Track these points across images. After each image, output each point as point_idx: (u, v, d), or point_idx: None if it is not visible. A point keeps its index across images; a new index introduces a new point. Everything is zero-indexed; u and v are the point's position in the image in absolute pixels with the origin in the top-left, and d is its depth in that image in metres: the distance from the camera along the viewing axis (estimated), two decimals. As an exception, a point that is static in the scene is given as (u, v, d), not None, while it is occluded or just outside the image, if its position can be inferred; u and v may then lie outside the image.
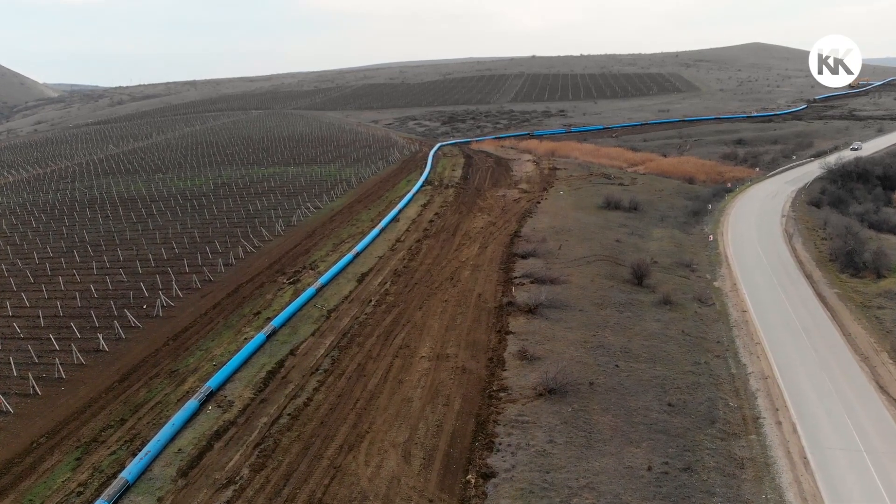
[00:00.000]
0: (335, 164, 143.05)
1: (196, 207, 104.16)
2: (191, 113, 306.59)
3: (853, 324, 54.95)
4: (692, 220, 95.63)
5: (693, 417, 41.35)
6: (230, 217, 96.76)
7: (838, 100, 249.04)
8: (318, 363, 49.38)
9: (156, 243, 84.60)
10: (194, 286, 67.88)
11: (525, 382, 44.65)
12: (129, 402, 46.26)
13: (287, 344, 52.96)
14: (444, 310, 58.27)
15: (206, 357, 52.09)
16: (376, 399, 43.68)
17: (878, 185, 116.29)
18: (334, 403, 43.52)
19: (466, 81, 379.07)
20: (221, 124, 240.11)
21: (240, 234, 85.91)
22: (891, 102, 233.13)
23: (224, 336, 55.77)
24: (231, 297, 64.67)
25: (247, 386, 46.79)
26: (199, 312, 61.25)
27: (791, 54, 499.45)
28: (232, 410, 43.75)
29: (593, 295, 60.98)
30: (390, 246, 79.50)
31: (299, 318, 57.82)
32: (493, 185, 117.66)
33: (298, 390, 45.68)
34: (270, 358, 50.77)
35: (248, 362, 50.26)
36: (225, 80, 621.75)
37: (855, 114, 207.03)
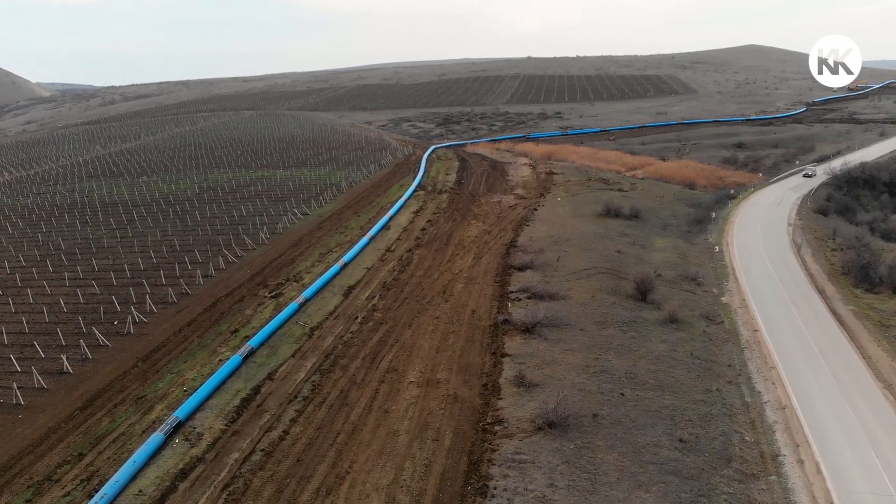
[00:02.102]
0: (326, 168, 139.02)
1: (178, 213, 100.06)
2: (182, 113, 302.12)
3: (872, 345, 51.21)
4: (695, 229, 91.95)
5: (707, 455, 37.53)
6: (213, 224, 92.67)
7: (837, 103, 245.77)
8: (298, 389, 45.42)
9: (133, 252, 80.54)
10: (170, 300, 63.86)
11: (522, 413, 40.81)
12: (90, 433, 42.34)
13: (265, 367, 49.00)
14: (436, 328, 54.39)
15: (176, 381, 48.14)
16: (359, 432, 39.76)
17: (884, 191, 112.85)
18: (313, 437, 39.58)
19: (461, 82, 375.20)
20: (212, 125, 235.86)
21: (222, 243, 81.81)
22: (891, 105, 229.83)
23: (198, 357, 51.79)
24: (208, 312, 60.69)
25: (218, 415, 42.85)
26: (173, 330, 57.27)
27: (788, 56, 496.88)
28: (200, 444, 39.82)
29: (595, 312, 57.16)
30: (380, 256, 75.58)
31: (279, 337, 53.85)
32: (488, 191, 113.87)
33: (274, 421, 41.75)
34: (246, 383, 46.82)
35: (222, 388, 46.34)
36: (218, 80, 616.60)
37: (855, 117, 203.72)
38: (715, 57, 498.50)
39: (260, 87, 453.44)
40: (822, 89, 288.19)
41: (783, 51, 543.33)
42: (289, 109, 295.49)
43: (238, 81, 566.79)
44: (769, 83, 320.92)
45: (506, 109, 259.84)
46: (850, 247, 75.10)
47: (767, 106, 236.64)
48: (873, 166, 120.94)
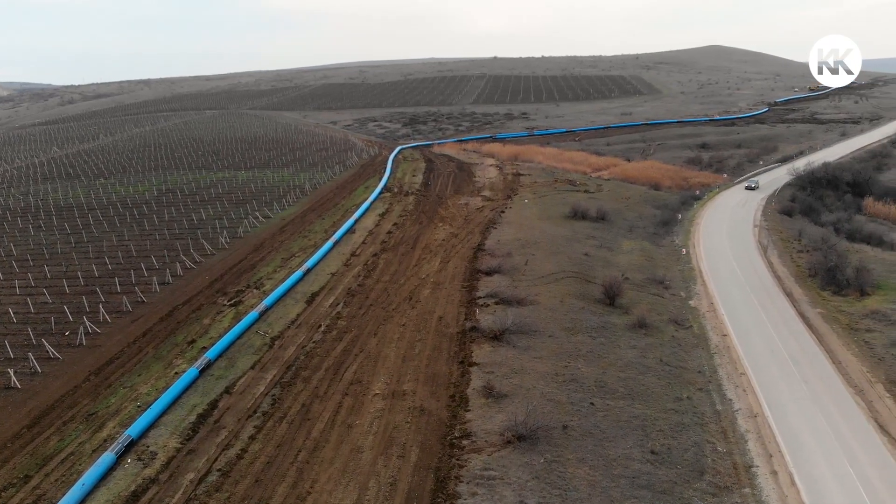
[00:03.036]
0: (289, 169, 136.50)
1: (136, 217, 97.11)
2: (142, 113, 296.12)
3: (842, 350, 50.92)
4: (662, 231, 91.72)
5: (679, 468, 36.63)
6: (171, 228, 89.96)
7: (799, 103, 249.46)
8: (257, 404, 43.58)
9: (88, 258, 77.68)
10: (124, 309, 61.41)
11: (491, 426, 39.51)
12: (38, 453, 40.00)
13: (222, 380, 47.04)
14: (402, 336, 52.89)
15: (130, 396, 45.94)
16: (321, 449, 38.11)
17: (847, 191, 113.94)
18: (272, 455, 37.83)
19: (428, 82, 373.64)
20: (173, 125, 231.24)
21: (180, 248, 79.28)
22: (851, 105, 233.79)
23: (153, 370, 49.58)
24: (164, 322, 58.37)
25: (173, 433, 40.84)
26: (127, 341, 54.89)
27: (749, 57, 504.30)
28: (154, 464, 37.82)
29: (563, 318, 56.16)
30: (345, 261, 73.81)
31: (238, 348, 51.85)
32: (455, 192, 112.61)
33: (232, 438, 39.88)
34: (202, 397, 44.83)
35: (177, 403, 44.27)
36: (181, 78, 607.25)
37: (817, 117, 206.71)
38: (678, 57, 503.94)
39: (223, 86, 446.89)
40: (784, 89, 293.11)
41: (744, 51, 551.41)
42: (252, 109, 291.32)
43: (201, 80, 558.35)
44: (731, 83, 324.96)
45: (472, 109, 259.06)
46: (816, 248, 75.19)
47: (730, 106, 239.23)
48: (836, 166, 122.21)
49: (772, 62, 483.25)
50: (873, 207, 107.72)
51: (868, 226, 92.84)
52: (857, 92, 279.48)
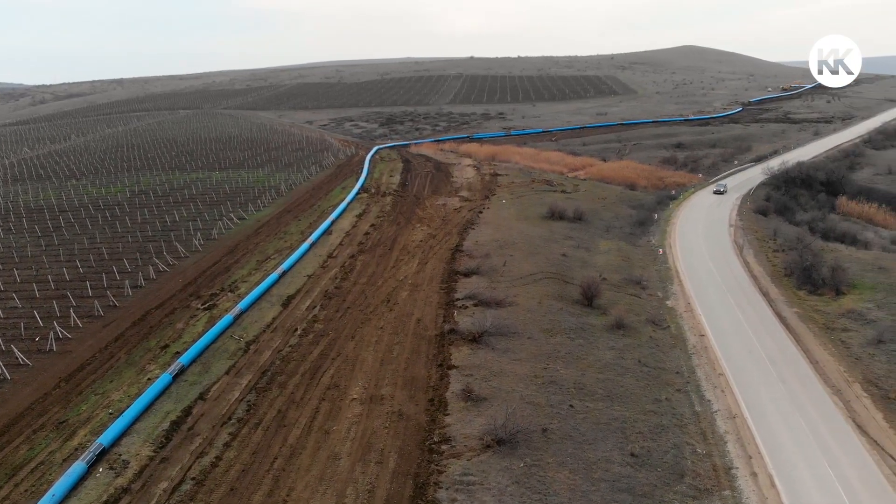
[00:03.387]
0: (264, 169, 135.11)
1: (108, 219, 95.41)
2: (115, 113, 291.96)
3: (819, 349, 51.21)
4: (638, 231, 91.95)
5: (659, 471, 36.50)
6: (144, 230, 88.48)
7: (772, 103, 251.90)
8: (232, 410, 42.80)
9: (59, 261, 76.08)
10: (96, 313, 60.15)
11: (470, 430, 39.12)
12: (7, 463, 38.95)
13: (196, 385, 46.16)
14: (380, 339, 52.33)
15: (101, 403, 44.93)
16: (297, 456, 37.47)
17: (821, 190, 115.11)
18: (247, 463, 37.13)
19: (405, 82, 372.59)
20: (146, 125, 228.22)
21: (153, 251, 77.97)
22: (824, 105, 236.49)
23: (125, 376, 48.56)
24: (137, 326, 57.26)
25: (146, 441, 39.95)
26: (99, 346, 53.74)
27: (724, 57, 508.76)
28: (126, 474, 36.95)
29: (542, 319, 55.93)
30: (321, 262, 73.02)
31: (213, 353, 50.94)
32: (432, 193, 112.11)
33: (206, 446, 39.09)
34: (176, 404, 43.94)
35: (150, 409, 43.34)
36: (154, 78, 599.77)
37: (790, 117, 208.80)
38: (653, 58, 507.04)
39: (197, 86, 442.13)
40: (757, 89, 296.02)
41: (719, 51, 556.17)
42: (226, 108, 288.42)
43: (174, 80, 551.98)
44: (706, 83, 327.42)
45: (449, 109, 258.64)
46: (791, 248, 75.75)
47: (705, 106, 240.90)
48: (810, 166, 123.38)
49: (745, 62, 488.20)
50: (847, 206, 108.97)
51: (842, 224, 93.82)
52: (830, 92, 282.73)
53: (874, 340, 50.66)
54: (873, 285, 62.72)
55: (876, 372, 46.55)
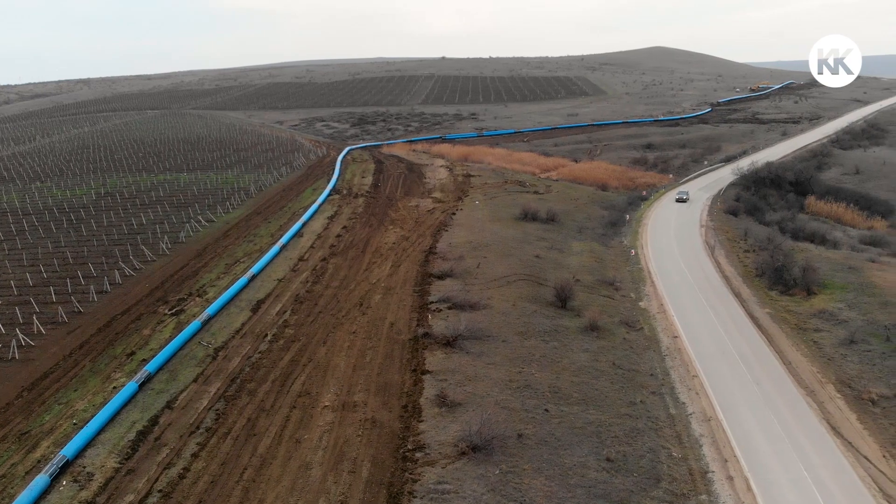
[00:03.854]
0: (233, 170, 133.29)
1: (73, 222, 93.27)
2: (81, 113, 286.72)
3: (792, 350, 51.41)
4: (610, 232, 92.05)
5: (636, 476, 36.17)
6: (110, 233, 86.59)
7: (741, 103, 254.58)
8: (200, 419, 41.73)
9: (21, 266, 74.12)
10: (60, 320, 58.53)
11: (445, 437, 38.49)
12: (-35, 477, 37.51)
13: (163, 394, 44.99)
14: (352, 344, 51.50)
15: (65, 413, 43.58)
16: (268, 467, 36.56)
17: (790, 190, 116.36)
18: (216, 474, 36.14)
19: (376, 82, 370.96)
20: (112, 126, 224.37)
21: (119, 255, 76.23)
22: (791, 105, 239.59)
23: (90, 384, 47.21)
24: (102, 332, 55.78)
25: (111, 452, 38.76)
26: (63, 354, 52.22)
27: (692, 58, 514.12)
28: (91, 486, 35.77)
29: (516, 322, 55.49)
30: (292, 266, 71.92)
31: (180, 360, 49.76)
32: (405, 194, 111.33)
33: (174, 457, 38.01)
34: (142, 413, 42.75)
35: (116, 419, 42.12)
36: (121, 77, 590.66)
37: (758, 117, 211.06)
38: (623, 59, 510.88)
39: (165, 86, 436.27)
40: (726, 90, 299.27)
41: (687, 52, 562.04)
42: (195, 108, 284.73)
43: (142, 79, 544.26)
44: (675, 84, 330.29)
45: (421, 110, 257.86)
46: (762, 248, 76.27)
47: (674, 107, 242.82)
48: (779, 166, 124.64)
49: (714, 63, 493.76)
50: (815, 206, 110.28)
51: (811, 224, 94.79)
52: (797, 92, 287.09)
53: (846, 341, 51.00)
54: (844, 285, 63.26)
55: (848, 372, 46.82)
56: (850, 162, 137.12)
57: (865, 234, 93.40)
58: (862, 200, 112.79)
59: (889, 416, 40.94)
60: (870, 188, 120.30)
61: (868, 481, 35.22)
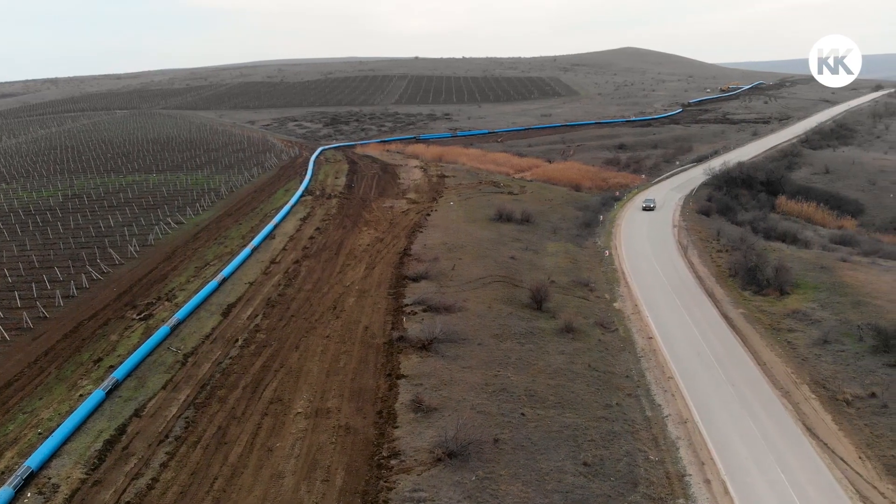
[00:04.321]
0: (203, 171, 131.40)
1: (39, 224, 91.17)
2: (48, 114, 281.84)
3: (766, 350, 51.57)
4: (584, 233, 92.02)
5: (613, 480, 35.86)
6: (77, 236, 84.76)
7: (711, 103, 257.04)
8: (169, 427, 40.71)
9: (-16, 270, 72.21)
10: (25, 325, 57.03)
11: (420, 443, 37.90)
12: (-78, 491, 36.15)
13: (131, 402, 43.87)
14: (325, 349, 50.68)
15: (30, 422, 42.33)
16: (239, 476, 35.71)
17: (762, 190, 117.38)
18: (186, 485, 35.22)
19: (349, 81, 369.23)
20: (80, 126, 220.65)
21: (86, 258, 74.58)
22: (761, 106, 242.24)
23: (55, 392, 45.93)
24: (68, 339, 54.37)
25: (77, 462, 37.66)
26: (28, 361, 50.82)
27: (663, 59, 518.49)
28: (56, 498, 34.72)
29: (492, 324, 55.07)
30: (264, 269, 70.83)
31: (149, 366, 48.61)
32: (379, 195, 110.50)
33: (142, 467, 37.00)
34: (110, 422, 41.64)
35: (82, 428, 40.98)
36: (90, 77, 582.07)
37: (729, 117, 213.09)
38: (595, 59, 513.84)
39: (134, 85, 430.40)
40: (697, 90, 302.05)
41: (658, 53, 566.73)
42: (165, 108, 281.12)
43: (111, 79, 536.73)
44: (646, 85, 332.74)
45: (395, 110, 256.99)
46: (735, 248, 76.68)
47: (646, 107, 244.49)
48: (750, 166, 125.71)
49: (684, 64, 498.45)
50: (786, 205, 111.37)
51: (782, 224, 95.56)
52: (766, 93, 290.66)
53: (820, 341, 51.28)
54: (816, 285, 63.71)
55: (823, 373, 47.02)
56: (820, 162, 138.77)
57: (836, 234, 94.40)
58: (832, 200, 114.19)
59: (864, 417, 41.13)
60: (839, 188, 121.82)
61: (844, 483, 35.26)
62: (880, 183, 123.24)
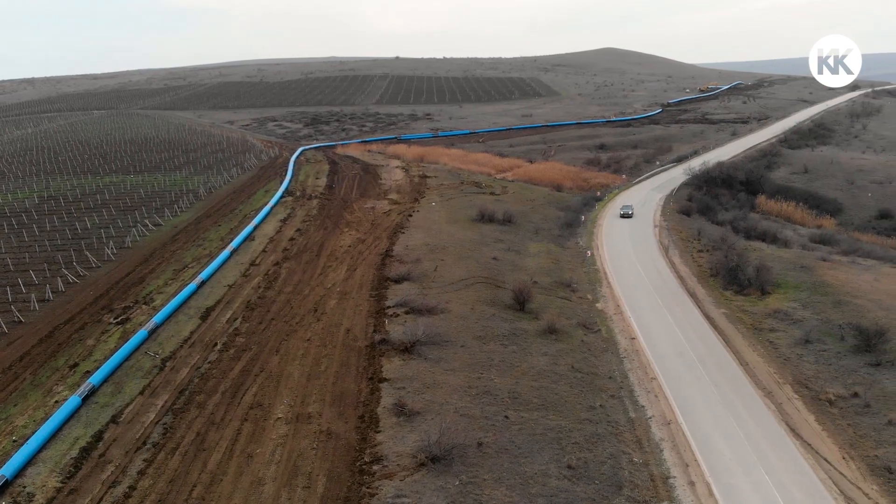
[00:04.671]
0: (182, 172, 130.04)
1: (14, 227, 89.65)
2: (25, 114, 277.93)
3: (748, 350, 51.63)
4: (566, 233, 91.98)
5: (597, 483, 35.61)
6: (53, 239, 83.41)
7: (691, 104, 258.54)
8: (147, 434, 39.94)
9: (-44, 274, 70.78)
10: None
11: (403, 448, 37.44)
12: None
13: (108, 408, 43.03)
14: (306, 352, 50.07)
15: (4, 430, 41.39)
16: (218, 483, 35.05)
17: (741, 189, 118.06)
18: (164, 492, 34.51)
19: (330, 81, 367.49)
20: (57, 127, 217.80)
21: (62, 261, 73.38)
22: (740, 106, 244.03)
23: (30, 399, 44.95)
24: (44, 343, 53.32)
25: (53, 470, 36.82)
26: (2, 366, 49.73)
27: (643, 59, 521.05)
28: (30, 508, 33.86)
29: (475, 326, 54.72)
30: (243, 271, 69.99)
31: (126, 371, 47.74)
32: (360, 196, 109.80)
33: (119, 474, 36.25)
34: (86, 429, 40.79)
35: (58, 436, 40.12)
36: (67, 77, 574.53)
37: (708, 117, 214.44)
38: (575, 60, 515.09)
39: (112, 85, 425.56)
40: (676, 91, 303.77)
41: (638, 54, 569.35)
42: (143, 109, 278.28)
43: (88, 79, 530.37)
44: (626, 85, 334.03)
45: (376, 110, 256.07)
46: (716, 248, 76.93)
47: (625, 107, 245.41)
48: (730, 165, 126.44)
49: (663, 64, 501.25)
50: (766, 205, 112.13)
51: (762, 223, 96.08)
52: (745, 93, 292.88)
53: (801, 340, 51.43)
54: (797, 284, 63.97)
55: (805, 373, 47.12)
56: (799, 161, 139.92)
57: (815, 233, 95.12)
58: (811, 199, 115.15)
59: (847, 417, 41.22)
60: (818, 187, 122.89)
61: (829, 483, 35.25)
62: (858, 182, 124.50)
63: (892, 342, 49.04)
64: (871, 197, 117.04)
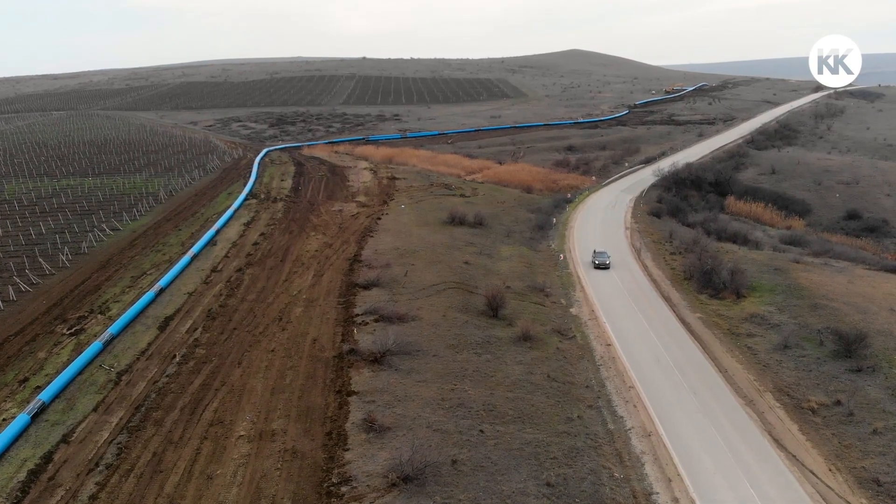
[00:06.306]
0: (142, 174, 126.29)
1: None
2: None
3: (726, 357, 50.52)
4: (538, 236, 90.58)
5: (578, 501, 34.05)
6: (5, 244, 79.84)
7: (657, 105, 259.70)
8: (100, 454, 37.48)
9: None
10: (-58, 343, 52.70)
11: (373, 467, 35.49)
12: None
13: (59, 426, 40.44)
14: (270, 364, 47.82)
15: (-57, 452, 38.54)
16: (176, 509, 32.78)
17: (710, 191, 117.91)
18: (117, 520, 32.16)
19: (295, 81, 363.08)
20: (14, 128, 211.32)
21: (14, 268, 70.01)
22: (706, 107, 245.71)
23: (-27, 418, 42.11)
24: (-9, 357, 50.36)
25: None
26: (-56, 382, 46.74)
27: (608, 61, 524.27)
28: (-31, 539, 31.32)
29: (447, 333, 52.92)
30: (204, 277, 67.33)
31: (79, 386, 45.11)
32: (327, 198, 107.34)
33: (70, 499, 33.88)
34: (34, 449, 38.21)
35: (4, 457, 37.57)
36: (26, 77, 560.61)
37: (674, 119, 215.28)
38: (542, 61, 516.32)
39: (72, 86, 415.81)
40: (642, 92, 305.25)
41: (604, 55, 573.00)
42: (104, 109, 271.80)
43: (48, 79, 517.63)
44: (593, 87, 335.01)
45: (343, 110, 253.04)
46: (688, 250, 76.12)
47: (593, 109, 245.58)
48: (698, 167, 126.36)
49: (628, 66, 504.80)
50: (735, 206, 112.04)
51: (732, 224, 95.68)
52: (710, 94, 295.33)
53: (780, 346, 50.46)
54: (772, 287, 63.21)
55: (786, 380, 46.06)
56: (766, 162, 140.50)
57: (785, 234, 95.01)
58: (779, 200, 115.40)
59: (830, 426, 40.13)
60: (786, 188, 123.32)
61: (816, 497, 34.03)
62: (825, 183, 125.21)
63: (872, 347, 48.28)
64: (838, 197, 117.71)
